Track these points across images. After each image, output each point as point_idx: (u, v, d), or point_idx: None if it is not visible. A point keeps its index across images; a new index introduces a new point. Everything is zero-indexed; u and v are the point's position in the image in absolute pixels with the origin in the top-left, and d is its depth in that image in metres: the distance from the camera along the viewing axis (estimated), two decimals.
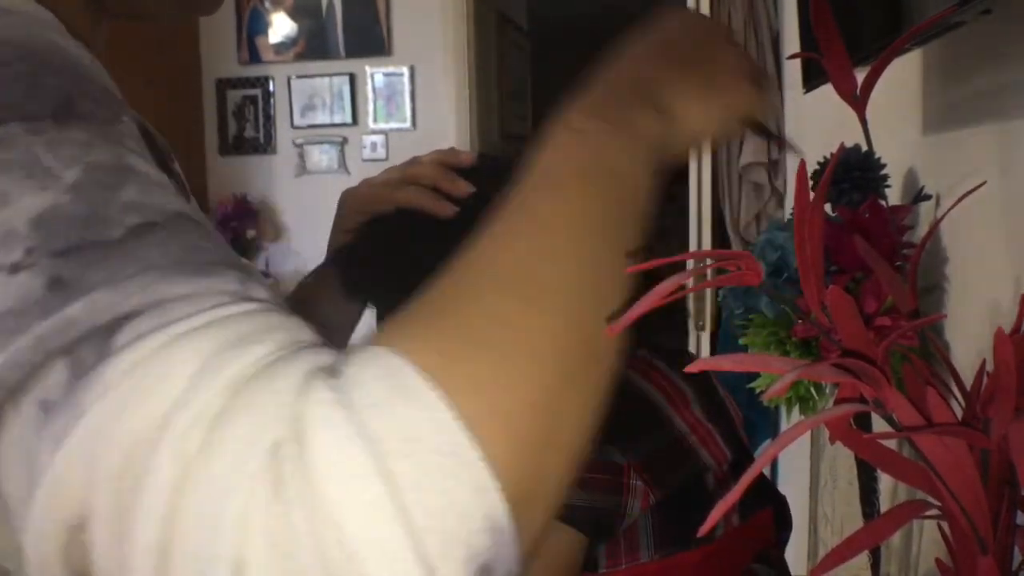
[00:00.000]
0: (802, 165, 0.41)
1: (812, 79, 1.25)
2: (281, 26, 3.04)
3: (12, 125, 0.33)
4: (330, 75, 3.02)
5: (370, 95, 2.99)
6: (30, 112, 0.34)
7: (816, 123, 1.91)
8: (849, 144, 1.07)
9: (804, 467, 1.52)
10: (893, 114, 1.10)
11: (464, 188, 0.64)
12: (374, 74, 2.97)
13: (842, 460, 1.18)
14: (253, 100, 3.10)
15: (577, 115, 0.44)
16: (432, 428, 0.29)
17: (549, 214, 0.38)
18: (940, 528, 0.41)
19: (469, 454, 0.29)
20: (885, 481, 1.09)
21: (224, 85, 3.11)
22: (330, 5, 2.99)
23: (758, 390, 1.17)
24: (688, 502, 0.60)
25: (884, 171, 1.08)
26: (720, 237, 2.62)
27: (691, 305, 2.38)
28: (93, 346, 0.30)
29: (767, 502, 0.67)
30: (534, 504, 0.32)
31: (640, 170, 0.43)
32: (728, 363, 0.33)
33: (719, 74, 0.50)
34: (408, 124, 2.97)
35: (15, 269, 0.31)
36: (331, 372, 0.30)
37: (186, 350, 0.29)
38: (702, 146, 0.51)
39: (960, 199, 0.43)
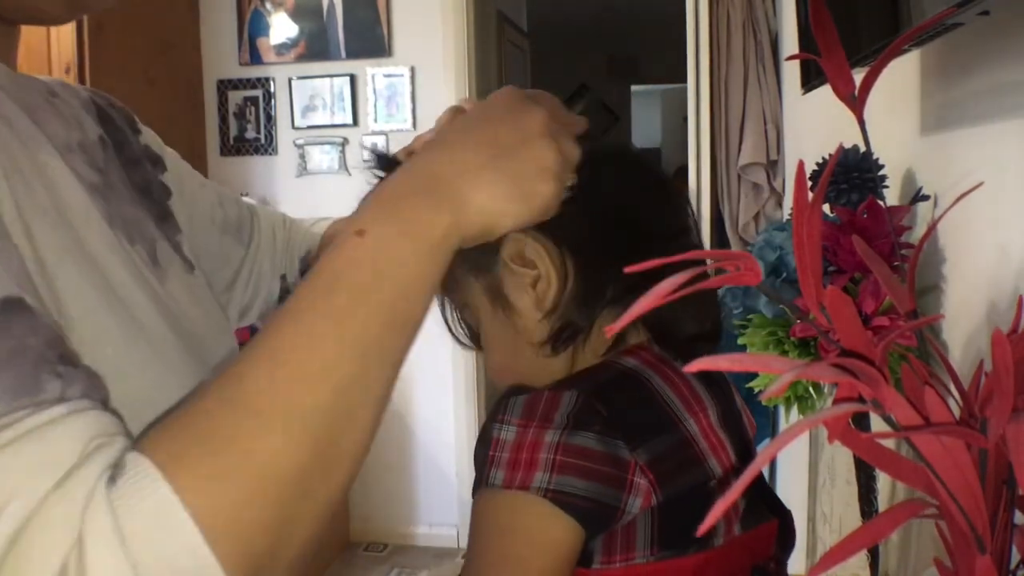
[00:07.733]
0: (800, 165, 0.42)
1: (810, 80, 1.25)
2: (282, 27, 3.04)
3: None
4: (331, 76, 3.02)
5: (371, 96, 2.99)
6: None
7: (814, 124, 1.91)
8: (847, 145, 1.08)
9: (803, 466, 1.52)
10: (891, 115, 1.10)
11: None
12: (375, 75, 2.97)
13: (841, 459, 1.19)
14: (254, 101, 3.10)
15: (364, 216, 0.48)
16: (187, 556, 0.36)
17: (318, 332, 0.43)
18: (938, 527, 0.41)
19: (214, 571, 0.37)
20: (883, 480, 1.09)
21: (225, 86, 3.11)
22: (331, 6, 2.99)
23: (756, 390, 1.18)
24: (691, 508, 0.58)
25: (882, 172, 1.09)
26: (719, 237, 2.62)
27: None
28: None
29: (772, 515, 0.66)
30: None
31: (424, 265, 0.47)
32: (726, 363, 0.33)
33: (524, 170, 0.52)
34: (408, 125, 2.97)
35: None
36: (118, 470, 0.37)
37: None
38: (499, 232, 0.53)
39: (958, 199, 0.43)
